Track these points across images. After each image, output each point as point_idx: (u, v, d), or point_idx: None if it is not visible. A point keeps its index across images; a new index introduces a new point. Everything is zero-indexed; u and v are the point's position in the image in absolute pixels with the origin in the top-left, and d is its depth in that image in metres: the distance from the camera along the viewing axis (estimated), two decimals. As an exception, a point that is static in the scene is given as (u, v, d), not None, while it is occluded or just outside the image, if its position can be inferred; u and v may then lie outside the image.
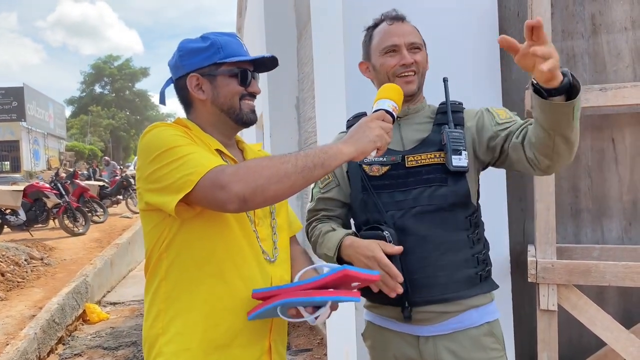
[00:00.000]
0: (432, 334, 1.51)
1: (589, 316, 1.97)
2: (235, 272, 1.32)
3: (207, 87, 1.39)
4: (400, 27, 1.59)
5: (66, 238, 9.90)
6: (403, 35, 1.57)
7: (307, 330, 5.00)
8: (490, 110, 1.58)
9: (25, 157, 28.80)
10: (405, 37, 1.57)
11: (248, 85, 1.40)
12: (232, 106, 1.39)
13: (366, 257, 1.43)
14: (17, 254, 7.11)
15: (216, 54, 1.36)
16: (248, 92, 1.40)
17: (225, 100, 1.39)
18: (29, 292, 6.06)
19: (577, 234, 2.46)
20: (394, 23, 1.59)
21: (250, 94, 1.41)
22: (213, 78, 1.38)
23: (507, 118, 1.54)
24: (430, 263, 1.47)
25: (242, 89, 1.39)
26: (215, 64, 1.36)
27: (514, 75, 2.54)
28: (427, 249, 1.48)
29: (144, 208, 1.32)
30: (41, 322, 4.61)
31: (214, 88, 1.38)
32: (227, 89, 1.38)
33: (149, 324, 1.35)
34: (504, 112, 1.57)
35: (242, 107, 1.40)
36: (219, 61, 1.36)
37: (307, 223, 1.73)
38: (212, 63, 1.36)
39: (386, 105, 1.39)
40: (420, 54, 1.58)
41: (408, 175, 1.53)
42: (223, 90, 1.38)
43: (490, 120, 1.54)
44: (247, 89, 1.40)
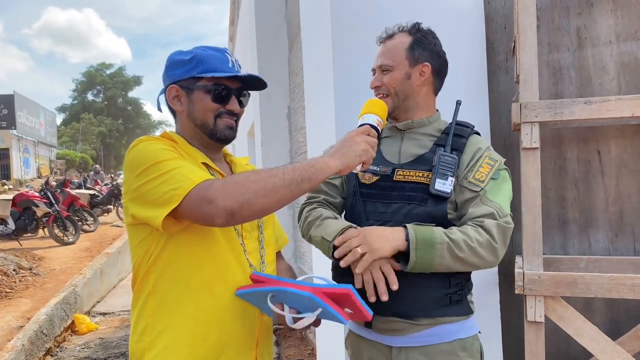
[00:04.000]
0: (404, 344, 1.52)
1: (575, 327, 1.98)
2: (223, 285, 1.32)
3: (184, 100, 1.39)
4: (380, 48, 1.65)
5: (56, 247, 9.83)
6: (378, 57, 1.64)
7: (298, 341, 4.98)
8: (482, 158, 1.54)
9: (16, 165, 28.60)
10: (378, 59, 1.63)
11: (225, 102, 1.39)
12: (205, 122, 1.39)
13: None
14: (5, 263, 7.04)
15: (195, 68, 1.36)
16: (226, 109, 1.39)
17: (198, 115, 1.38)
18: (17, 302, 6.00)
19: (564, 245, 2.47)
20: (379, 45, 1.66)
21: (229, 112, 1.40)
22: (190, 92, 1.38)
23: (480, 180, 1.51)
24: (398, 278, 1.45)
25: (217, 106, 1.38)
26: (193, 77, 1.37)
27: (502, 87, 2.57)
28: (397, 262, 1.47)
29: (131, 222, 1.32)
30: (29, 333, 4.56)
31: (190, 102, 1.39)
32: (201, 105, 1.38)
33: (135, 338, 1.34)
34: (488, 169, 1.53)
35: (216, 123, 1.39)
36: (197, 75, 1.36)
37: (306, 202, 1.73)
38: (190, 77, 1.37)
39: (371, 119, 1.41)
40: (389, 75, 1.60)
41: (393, 188, 1.55)
42: (197, 105, 1.38)
43: (471, 166, 1.53)
44: (225, 107, 1.39)
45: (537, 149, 2.06)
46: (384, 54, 1.62)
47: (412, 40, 1.60)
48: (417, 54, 1.59)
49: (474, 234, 1.41)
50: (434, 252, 1.39)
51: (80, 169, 35.66)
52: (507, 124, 2.50)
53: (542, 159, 2.41)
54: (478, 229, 1.43)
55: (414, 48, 1.59)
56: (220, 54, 1.40)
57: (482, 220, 1.44)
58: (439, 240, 1.39)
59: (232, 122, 1.42)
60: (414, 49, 1.59)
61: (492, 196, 1.49)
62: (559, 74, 2.42)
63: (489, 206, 1.47)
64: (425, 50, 1.60)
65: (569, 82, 2.40)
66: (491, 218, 1.44)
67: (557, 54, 2.41)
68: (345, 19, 2.32)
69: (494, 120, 2.53)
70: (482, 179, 1.51)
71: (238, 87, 1.41)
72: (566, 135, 2.41)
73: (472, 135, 1.61)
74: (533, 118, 2.05)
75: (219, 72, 1.36)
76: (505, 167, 1.58)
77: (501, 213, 1.46)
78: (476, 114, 2.41)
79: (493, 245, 1.42)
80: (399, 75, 1.59)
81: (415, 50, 1.59)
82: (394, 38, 1.62)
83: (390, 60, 1.60)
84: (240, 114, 1.45)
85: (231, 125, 1.42)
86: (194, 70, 1.36)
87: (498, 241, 1.42)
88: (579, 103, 2.03)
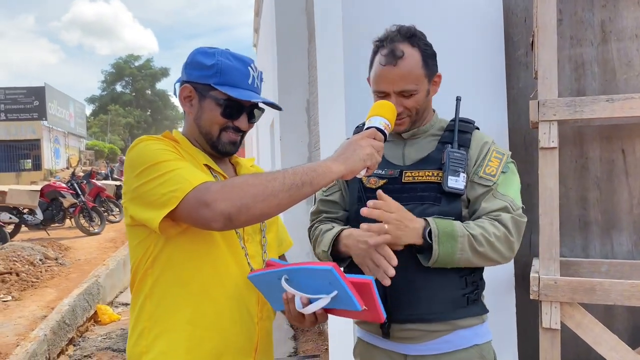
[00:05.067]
0: (419, 353, 1.48)
1: (594, 335, 1.90)
2: (222, 290, 1.30)
3: (195, 103, 1.36)
4: (393, 71, 1.47)
5: (82, 238, 10.03)
6: (393, 83, 1.48)
7: (316, 336, 4.97)
8: (489, 153, 1.51)
9: (47, 155, 29.26)
10: (396, 84, 1.48)
11: (234, 119, 1.35)
12: (210, 132, 1.36)
13: (364, 242, 1.38)
14: (32, 253, 7.21)
15: (212, 77, 1.32)
16: (233, 125, 1.36)
17: (205, 123, 1.35)
18: (42, 292, 6.14)
19: (585, 247, 2.38)
20: (387, 65, 1.48)
21: (235, 128, 1.36)
22: (202, 98, 1.34)
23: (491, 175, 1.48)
24: (413, 281, 1.43)
25: (225, 120, 1.34)
26: (209, 85, 1.32)
27: (521, 83, 2.48)
28: (412, 265, 1.44)
29: (130, 223, 1.31)
30: (51, 323, 4.65)
31: (200, 107, 1.35)
32: (210, 115, 1.34)
33: (133, 342, 1.34)
34: (497, 163, 1.50)
35: (220, 137, 1.36)
36: (214, 85, 1.32)
37: (310, 225, 1.71)
38: (207, 83, 1.33)
39: (378, 122, 1.35)
40: (413, 98, 1.49)
41: (403, 190, 1.50)
42: (206, 114, 1.35)
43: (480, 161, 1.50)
44: (233, 122, 1.35)
45: (555, 149, 1.97)
46: (402, 78, 1.47)
47: (421, 55, 1.49)
48: (430, 67, 1.51)
49: (491, 228, 1.39)
50: (456, 246, 1.36)
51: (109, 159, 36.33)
52: (527, 122, 2.40)
53: (562, 158, 2.33)
54: (495, 223, 1.41)
55: (427, 62, 1.50)
56: (243, 67, 1.34)
57: (498, 214, 1.43)
58: (460, 233, 1.37)
59: (236, 138, 1.38)
60: (427, 63, 1.50)
61: (504, 190, 1.47)
62: (581, 69, 2.31)
63: (503, 200, 1.45)
64: (432, 59, 1.53)
65: (592, 77, 2.29)
66: (505, 212, 1.43)
67: (579, 48, 2.31)
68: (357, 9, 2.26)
69: (513, 117, 2.44)
70: (493, 173, 1.49)
71: (250, 104, 1.37)
72: (588, 133, 2.31)
73: (475, 131, 1.58)
74: (551, 116, 1.96)
75: (235, 89, 1.31)
76: (512, 160, 1.56)
77: (514, 206, 1.45)
78: (493, 111, 2.34)
79: (510, 239, 1.41)
80: (422, 96, 1.51)
81: (428, 64, 1.51)
82: (405, 58, 1.46)
83: (412, 84, 1.47)
84: (247, 130, 1.41)
85: (234, 141, 1.38)
86: (211, 79, 1.32)
87: (514, 235, 1.42)
88: (600, 101, 1.93)
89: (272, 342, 1.47)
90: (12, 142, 28.59)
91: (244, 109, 1.35)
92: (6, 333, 4.71)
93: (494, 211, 1.44)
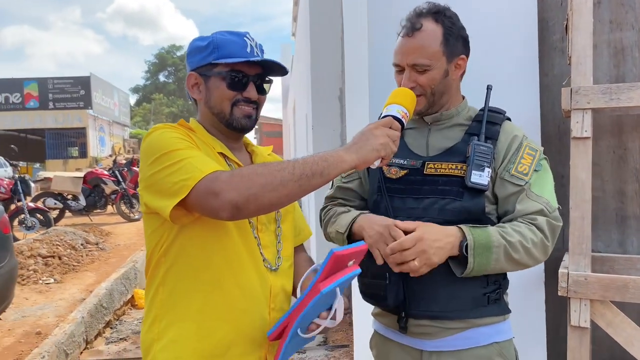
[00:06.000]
0: (435, 349, 1.44)
1: (625, 335, 1.80)
2: (233, 280, 1.29)
3: (202, 88, 1.36)
4: (408, 43, 1.43)
5: (122, 223, 10.33)
6: (407, 54, 1.43)
7: (346, 326, 4.96)
8: (522, 148, 1.44)
9: (92, 143, 30.20)
10: (409, 56, 1.43)
11: (242, 89, 1.34)
12: (222, 110, 1.35)
13: (379, 225, 1.37)
14: (74, 238, 7.46)
15: (211, 54, 1.32)
16: (243, 97, 1.34)
17: (215, 103, 1.35)
18: (82, 275, 6.35)
19: (622, 243, 2.27)
20: (405, 37, 1.45)
21: (246, 99, 1.35)
22: (207, 79, 1.35)
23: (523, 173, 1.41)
24: (432, 277, 1.38)
25: (233, 93, 1.33)
26: (210, 64, 1.33)
27: (556, 70, 2.36)
28: None
29: (145, 210, 1.32)
30: (89, 306, 4.80)
31: (207, 89, 1.35)
32: (217, 92, 1.34)
33: (146, 328, 1.35)
34: (530, 160, 1.43)
35: (233, 112, 1.34)
36: (213, 61, 1.32)
37: (323, 207, 1.69)
38: (207, 63, 1.33)
39: (395, 111, 1.31)
40: (426, 75, 1.43)
41: (424, 182, 1.45)
42: (214, 92, 1.34)
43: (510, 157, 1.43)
44: (242, 94, 1.34)
45: (589, 139, 1.87)
46: (416, 50, 1.42)
47: (443, 31, 1.42)
48: (452, 46, 1.44)
49: (529, 233, 1.34)
50: (491, 257, 1.32)
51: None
52: (561, 110, 2.29)
53: (599, 148, 2.21)
54: (532, 228, 1.36)
55: (449, 40, 1.43)
56: (238, 39, 1.34)
57: (535, 219, 1.37)
58: (496, 243, 1.32)
59: (250, 111, 1.36)
60: (449, 41, 1.43)
61: (539, 190, 1.40)
62: (621, 54, 2.19)
63: (538, 202, 1.38)
64: (458, 40, 1.45)
65: (632, 63, 2.17)
66: (542, 215, 1.37)
67: (619, 32, 2.18)
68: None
69: (547, 105, 2.34)
70: (525, 172, 1.41)
71: (258, 73, 1.36)
72: (627, 122, 2.18)
73: (505, 122, 1.49)
74: (585, 104, 1.86)
75: (234, 58, 1.31)
76: (545, 156, 1.47)
77: (550, 209, 1.39)
78: (525, 99, 2.24)
79: (546, 244, 1.37)
80: (438, 75, 1.43)
81: (450, 42, 1.43)
82: (422, 30, 1.42)
83: (426, 58, 1.41)
84: (260, 102, 1.39)
85: (249, 114, 1.37)
86: (210, 57, 1.32)
87: (550, 239, 1.38)
88: (638, 87, 1.82)
89: (284, 334, 1.46)
90: (60, 130, 29.65)
91: (250, 78, 1.34)
92: (47, 314, 4.89)
93: (530, 214, 1.38)
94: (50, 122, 29.15)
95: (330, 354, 4.29)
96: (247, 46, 1.34)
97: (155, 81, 57.65)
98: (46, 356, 3.70)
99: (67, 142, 30.38)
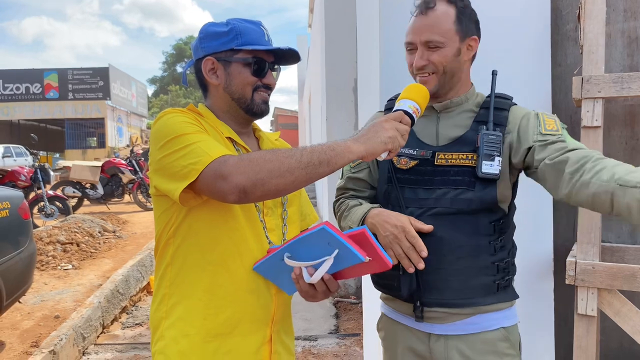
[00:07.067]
0: (443, 332, 1.45)
1: (633, 324, 1.80)
2: (239, 261, 1.32)
3: (221, 73, 1.38)
4: (421, 20, 1.44)
5: (139, 212, 10.46)
6: (420, 32, 1.44)
7: (358, 315, 5.00)
8: (539, 116, 1.42)
9: (110, 133, 30.57)
10: (422, 34, 1.43)
11: (263, 76, 1.37)
12: (244, 96, 1.38)
13: (394, 225, 1.37)
14: (92, 226, 7.59)
15: (234, 40, 1.34)
16: (263, 83, 1.38)
17: (237, 88, 1.37)
18: (100, 262, 6.47)
19: (633, 233, 2.26)
20: (418, 15, 1.45)
21: (265, 86, 1.39)
22: (228, 64, 1.36)
23: (553, 130, 1.38)
24: (444, 266, 1.40)
25: (255, 79, 1.37)
26: (231, 50, 1.35)
27: (569, 60, 2.35)
28: (443, 251, 1.40)
29: (154, 193, 1.35)
30: (106, 292, 4.90)
31: (228, 75, 1.37)
32: (240, 78, 1.36)
33: (155, 307, 1.38)
34: (554, 122, 1.41)
35: (254, 97, 1.38)
36: (236, 47, 1.34)
37: (335, 199, 1.70)
38: (228, 49, 1.35)
39: (407, 106, 1.32)
40: (439, 52, 1.43)
41: (435, 173, 1.45)
42: (236, 78, 1.37)
43: (534, 128, 1.40)
44: (262, 80, 1.38)
45: (599, 128, 1.87)
46: (430, 27, 1.42)
47: (457, 11, 1.43)
48: (464, 26, 1.44)
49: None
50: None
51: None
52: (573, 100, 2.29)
53: (612, 138, 2.20)
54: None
55: (462, 20, 1.43)
56: (256, 27, 1.37)
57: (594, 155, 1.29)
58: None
59: (267, 97, 1.41)
60: (462, 20, 1.43)
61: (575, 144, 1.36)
62: (635, 44, 2.17)
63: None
64: (470, 21, 1.46)
65: (646, 53, 2.15)
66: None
67: (634, 21, 2.16)
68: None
69: (559, 95, 2.33)
70: (554, 129, 1.39)
71: (272, 61, 1.39)
72: (640, 111, 2.17)
73: (513, 107, 1.48)
74: (596, 94, 1.85)
75: (257, 45, 1.34)
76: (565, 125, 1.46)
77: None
78: (537, 89, 2.23)
79: None
80: (450, 52, 1.43)
81: (463, 22, 1.44)
82: (436, 9, 1.43)
83: (439, 35, 1.41)
84: (273, 88, 1.43)
85: (266, 100, 1.41)
86: (232, 42, 1.34)
87: None
88: (651, 77, 1.81)
89: (291, 314, 1.49)
90: (79, 120, 30.06)
91: (268, 65, 1.38)
92: (65, 299, 5.01)
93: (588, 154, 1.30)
94: (69, 112, 29.55)
95: (342, 342, 4.33)
96: (264, 35, 1.38)
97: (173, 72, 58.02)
98: (64, 339, 3.80)
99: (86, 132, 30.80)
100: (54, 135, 33.12)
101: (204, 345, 1.30)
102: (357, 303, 5.28)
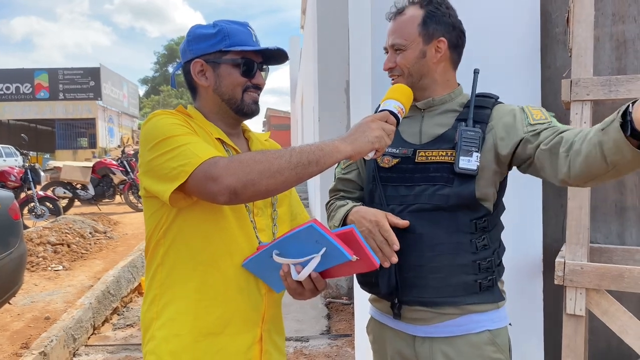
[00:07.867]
0: (428, 335, 1.46)
1: (620, 324, 1.83)
2: (230, 261, 1.33)
3: (210, 74, 1.38)
4: (391, 25, 1.53)
5: (130, 213, 10.42)
6: (388, 36, 1.52)
7: (349, 316, 5.01)
8: (525, 109, 1.44)
9: (101, 134, 30.42)
10: (389, 37, 1.51)
11: (252, 76, 1.38)
12: (234, 96, 1.38)
13: (369, 220, 1.39)
14: (83, 227, 7.55)
15: (222, 42, 1.35)
16: (252, 83, 1.39)
17: (226, 89, 1.38)
18: (91, 263, 6.44)
19: (621, 234, 2.29)
20: (391, 21, 1.54)
21: (255, 86, 1.40)
22: (217, 66, 1.37)
23: (542, 119, 1.40)
24: (423, 263, 1.41)
25: (244, 80, 1.38)
26: (220, 51, 1.36)
27: (559, 63, 2.37)
28: (422, 248, 1.41)
29: (144, 194, 1.35)
30: (97, 292, 4.88)
31: (217, 76, 1.38)
32: (230, 79, 1.37)
33: (145, 308, 1.38)
34: (540, 112, 1.43)
35: (244, 98, 1.39)
36: (225, 49, 1.35)
37: (327, 201, 1.72)
38: (217, 50, 1.36)
39: (392, 106, 1.34)
40: (403, 55, 1.48)
41: (415, 170, 1.47)
42: (225, 79, 1.37)
43: (522, 121, 1.41)
44: (251, 81, 1.39)
45: (588, 130, 1.89)
46: (395, 31, 1.50)
47: (424, 14, 1.47)
48: (431, 29, 1.46)
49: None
50: None
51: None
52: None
53: (600, 140, 2.23)
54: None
55: (427, 23, 1.46)
56: (244, 28, 1.39)
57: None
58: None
59: (257, 97, 1.42)
60: (427, 23, 1.46)
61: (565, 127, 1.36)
62: (623, 47, 2.20)
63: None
64: (439, 23, 1.47)
65: (634, 56, 2.18)
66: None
67: (621, 25, 2.19)
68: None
69: (549, 98, 2.35)
70: (543, 117, 1.40)
71: (260, 61, 1.40)
72: (628, 115, 2.20)
73: (498, 105, 1.49)
74: (584, 96, 1.88)
75: (245, 46, 1.36)
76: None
77: None
78: (526, 91, 2.26)
79: None
80: (413, 55, 1.47)
81: (429, 25, 1.46)
82: (405, 13, 1.49)
83: (402, 38, 1.47)
84: (263, 88, 1.43)
85: (256, 100, 1.42)
86: (220, 44, 1.35)
87: None
88: (638, 79, 1.83)
89: (281, 314, 1.49)
90: (70, 120, 29.88)
91: (257, 66, 1.39)
92: (56, 300, 4.98)
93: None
94: (60, 112, 29.38)
95: (333, 342, 4.34)
96: (252, 36, 1.39)
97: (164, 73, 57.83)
98: (54, 340, 3.78)
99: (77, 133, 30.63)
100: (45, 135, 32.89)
101: (195, 345, 1.31)
102: (349, 304, 5.29)
